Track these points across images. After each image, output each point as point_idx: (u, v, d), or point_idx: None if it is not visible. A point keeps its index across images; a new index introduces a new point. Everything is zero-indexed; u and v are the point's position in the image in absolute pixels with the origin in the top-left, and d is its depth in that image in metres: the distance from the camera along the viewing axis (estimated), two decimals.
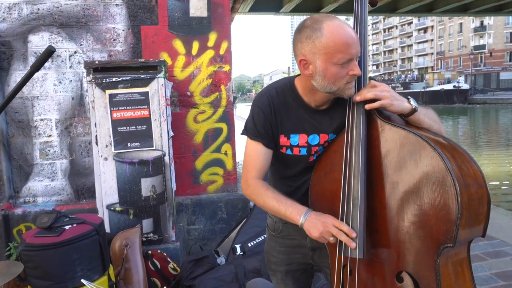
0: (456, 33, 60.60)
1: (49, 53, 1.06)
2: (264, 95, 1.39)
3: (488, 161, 11.04)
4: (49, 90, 3.27)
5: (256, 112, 1.39)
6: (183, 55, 3.41)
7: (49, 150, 3.33)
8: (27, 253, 2.12)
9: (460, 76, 47.62)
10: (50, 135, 3.32)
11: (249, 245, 2.93)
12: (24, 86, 3.20)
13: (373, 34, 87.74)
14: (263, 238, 2.96)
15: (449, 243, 1.08)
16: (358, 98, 1.26)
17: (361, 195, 1.21)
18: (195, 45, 3.42)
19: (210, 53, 3.45)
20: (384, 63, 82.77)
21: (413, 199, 1.16)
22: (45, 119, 3.30)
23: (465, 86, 43.11)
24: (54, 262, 2.11)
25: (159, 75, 2.86)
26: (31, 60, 3.24)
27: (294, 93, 1.38)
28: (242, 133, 1.45)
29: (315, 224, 1.19)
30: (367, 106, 1.24)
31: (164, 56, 3.37)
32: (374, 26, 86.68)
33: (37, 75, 3.25)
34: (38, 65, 1.07)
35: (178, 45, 3.40)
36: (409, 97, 1.25)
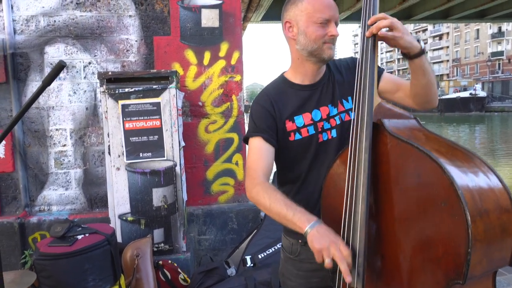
0: (473, 39, 59.81)
1: (60, 67, 1.08)
2: (260, 93, 1.47)
3: (508, 171, 10.80)
4: (64, 101, 3.34)
5: (254, 109, 1.42)
6: (194, 65, 3.44)
7: (63, 160, 3.38)
8: (40, 262, 2.15)
9: (476, 83, 46.92)
10: (64, 145, 3.37)
11: (260, 256, 2.91)
12: (40, 97, 3.27)
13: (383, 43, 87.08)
14: (273, 249, 2.94)
15: (458, 280, 0.94)
16: (374, 29, 1.16)
17: (363, 220, 1.10)
18: (207, 55, 3.45)
19: (221, 63, 3.48)
20: (399, 70, 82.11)
21: (419, 226, 1.03)
22: (60, 129, 3.36)
23: (482, 94, 42.40)
24: (66, 271, 2.14)
25: (170, 86, 2.88)
26: (47, 70, 3.30)
27: (286, 81, 1.46)
28: (243, 140, 1.46)
29: (323, 238, 1.09)
30: (380, 33, 1.15)
31: (176, 66, 3.40)
32: None
33: (52, 86, 3.31)
34: (49, 80, 1.09)
35: (190, 55, 3.43)
36: (419, 39, 1.20)
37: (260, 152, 1.36)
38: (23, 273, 1.90)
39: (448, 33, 66.39)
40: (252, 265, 2.87)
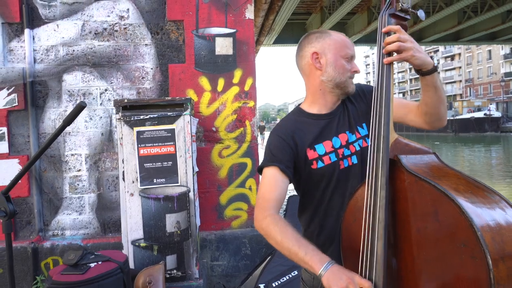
0: (485, 60, 59.60)
1: (80, 108, 1.11)
2: (278, 124, 1.50)
3: None
4: (80, 126, 3.40)
5: (272, 139, 1.43)
6: (208, 92, 3.49)
7: (78, 184, 3.42)
8: None
9: (491, 104, 46.41)
10: (79, 170, 3.42)
11: (274, 285, 2.86)
12: (57, 123, 3.33)
13: (398, 62, 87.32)
14: (288, 278, 2.89)
15: None
16: (384, 50, 1.18)
17: (381, 257, 1.08)
18: (221, 82, 3.50)
19: (235, 90, 3.52)
20: (411, 91, 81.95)
21: (439, 267, 1.00)
22: (75, 154, 3.41)
23: (497, 114, 41.86)
24: None
25: (185, 113, 2.92)
26: (65, 98, 3.39)
27: (302, 112, 1.49)
28: (258, 170, 1.45)
29: (339, 277, 1.08)
30: (386, 61, 1.17)
31: (191, 93, 3.45)
32: None
33: (69, 111, 3.38)
34: (70, 120, 1.12)
35: (204, 82, 3.48)
36: (433, 56, 1.21)
37: (273, 182, 1.35)
38: None
39: (459, 54, 66.32)
40: None
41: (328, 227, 1.38)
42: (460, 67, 66.65)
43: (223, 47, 3.49)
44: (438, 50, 70.65)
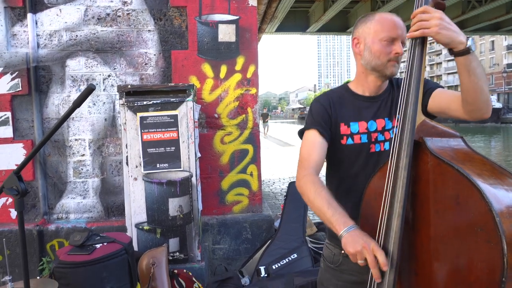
0: (488, 51, 59.24)
1: (90, 90, 1.14)
2: (322, 94, 1.54)
3: None
4: (84, 112, 3.44)
5: (313, 106, 1.50)
6: (211, 79, 3.52)
7: (82, 169, 3.47)
8: (60, 270, 2.21)
9: (492, 95, 46.27)
10: (83, 155, 3.46)
11: (274, 267, 2.93)
12: (61, 108, 3.37)
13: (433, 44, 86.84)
14: (287, 260, 2.96)
15: None
16: (408, 35, 1.20)
17: (397, 234, 1.10)
18: (223, 69, 3.52)
19: (237, 77, 3.55)
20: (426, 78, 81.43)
21: (454, 249, 1.02)
22: (79, 139, 3.46)
23: (498, 105, 41.75)
24: (85, 279, 2.19)
25: (188, 99, 2.95)
26: (68, 83, 3.41)
27: (348, 89, 1.53)
28: (298, 133, 1.53)
29: (356, 241, 1.12)
30: (408, 35, 1.18)
31: (193, 80, 3.48)
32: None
33: (73, 97, 3.42)
34: (79, 102, 1.15)
35: (207, 69, 3.51)
36: (470, 37, 1.14)
37: (313, 144, 1.42)
38: (45, 282, 1.95)
39: None
40: (266, 275, 2.89)
41: (349, 204, 1.36)
42: None
43: (226, 34, 3.50)
44: None
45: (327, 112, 1.45)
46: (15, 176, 1.25)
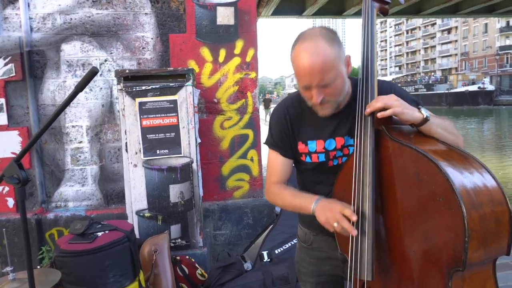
0: (481, 33, 59.16)
1: (93, 73, 1.09)
2: (281, 107, 1.48)
3: None
4: (80, 98, 3.36)
5: (273, 124, 1.49)
6: (210, 63, 3.45)
7: (80, 156, 3.41)
8: (61, 259, 2.17)
9: (485, 77, 46.46)
10: (81, 142, 3.40)
11: (276, 252, 2.93)
12: (57, 94, 3.30)
13: (395, 35, 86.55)
14: (290, 245, 2.96)
15: (458, 267, 1.04)
16: (368, 110, 1.22)
17: (370, 217, 1.21)
18: (222, 53, 3.45)
19: (236, 60, 3.48)
20: (407, 64, 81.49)
21: (421, 221, 1.13)
22: (76, 125, 3.39)
23: (491, 87, 42.02)
24: (87, 268, 2.16)
25: (187, 83, 2.89)
26: (64, 68, 3.33)
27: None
28: (264, 143, 1.56)
29: (324, 210, 1.24)
30: (379, 115, 1.21)
31: (192, 64, 3.41)
32: (396, 27, 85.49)
33: (68, 83, 3.34)
34: (82, 85, 1.10)
35: (206, 52, 3.43)
36: (420, 106, 1.22)
37: (277, 162, 1.48)
38: (47, 272, 1.92)
39: (456, 27, 65.74)
40: (269, 260, 2.89)
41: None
42: (456, 41, 66.21)
43: (225, 16, 3.42)
44: (435, 23, 69.97)
45: (285, 132, 1.45)
46: (16, 164, 1.20)
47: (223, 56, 3.45)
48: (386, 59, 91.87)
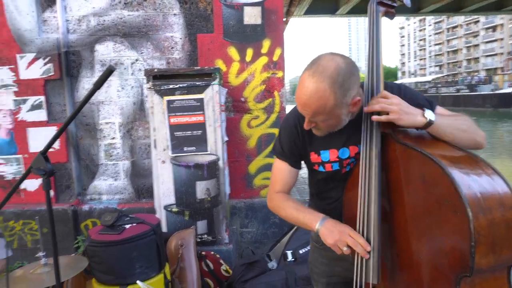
0: None
1: (110, 72, 1.14)
2: (291, 116, 1.44)
3: None
4: (113, 96, 3.50)
5: (282, 134, 1.46)
6: (237, 62, 3.49)
7: (112, 152, 3.55)
8: (92, 248, 2.28)
9: None
10: (113, 138, 3.54)
11: (300, 252, 2.92)
12: None
13: (435, 34, 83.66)
14: None
15: (465, 273, 1.00)
16: (366, 109, 1.23)
17: (376, 219, 1.20)
18: (249, 52, 3.48)
19: (263, 60, 3.50)
20: (448, 64, 78.53)
21: (427, 225, 1.11)
22: (109, 122, 3.53)
23: None
24: (115, 258, 2.25)
25: (213, 82, 2.94)
26: (97, 68, 3.48)
27: None
28: (272, 152, 1.53)
29: (332, 232, 1.22)
30: (374, 118, 1.21)
31: (219, 63, 3.46)
32: (436, 25, 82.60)
33: None
34: (99, 83, 1.15)
35: (233, 52, 3.48)
36: (425, 109, 1.19)
37: (283, 172, 1.46)
38: (76, 259, 2.02)
39: (502, 25, 62.59)
40: (293, 260, 2.89)
41: (323, 210, 1.40)
42: (502, 39, 63.01)
43: (252, 16, 3.45)
44: (478, 21, 67.00)
45: (295, 143, 1.42)
46: (42, 157, 1.27)
47: (250, 56, 3.49)
48: (425, 58, 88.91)
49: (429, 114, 1.17)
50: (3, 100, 3.46)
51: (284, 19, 7.08)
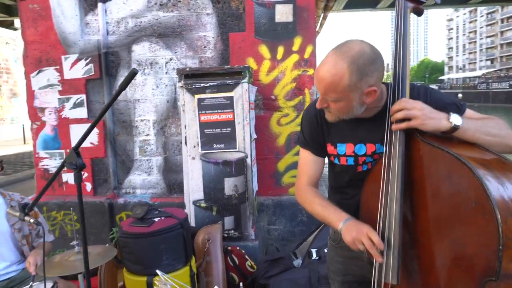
0: None
1: (133, 74, 1.21)
2: (313, 106, 1.45)
3: None
4: (148, 94, 3.64)
5: (303, 123, 1.49)
6: (268, 60, 3.52)
7: (146, 148, 3.71)
8: (123, 239, 2.41)
9: None
10: (148, 134, 3.69)
11: (325, 250, 2.92)
12: (128, 90, 3.61)
13: (487, 26, 79.21)
14: None
15: (491, 277, 0.98)
16: (394, 127, 1.21)
17: (397, 219, 1.18)
18: (280, 50, 3.51)
19: (294, 58, 3.51)
20: (501, 57, 74.15)
21: (452, 227, 1.09)
22: (144, 119, 3.68)
23: None
24: (145, 249, 2.37)
25: (243, 81, 3.00)
26: (134, 67, 3.63)
27: None
28: (296, 142, 1.56)
29: (350, 230, 1.22)
30: (394, 127, 1.19)
31: (250, 61, 3.51)
32: (489, 16, 78.16)
33: (138, 80, 3.64)
34: (124, 85, 1.23)
35: (264, 50, 3.51)
36: (451, 113, 1.15)
37: (308, 161, 1.49)
38: (107, 248, 2.15)
39: None
40: (317, 258, 2.90)
41: (339, 204, 1.42)
42: None
43: (283, 14, 3.47)
44: (496, 11, 62.59)
45: (316, 132, 1.44)
46: (74, 152, 1.37)
47: (281, 53, 3.51)
48: (475, 52, 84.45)
49: (454, 119, 1.14)
50: (48, 99, 3.70)
51: (322, 14, 7.00)
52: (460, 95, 43.16)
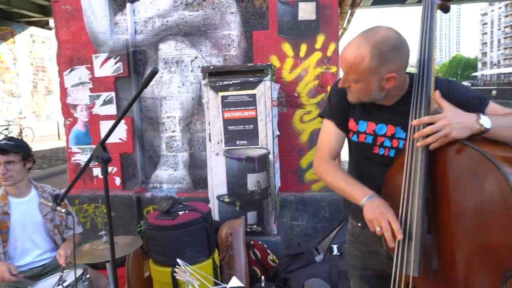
0: None
1: (154, 73, 1.28)
2: None
3: None
4: (174, 91, 3.75)
5: (332, 95, 1.50)
6: (291, 58, 3.55)
7: (173, 144, 3.82)
8: (149, 231, 2.51)
9: None
10: (174, 131, 3.80)
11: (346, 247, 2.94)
12: (155, 88, 3.71)
13: (505, 17, 75.62)
14: None
15: None
16: (419, 144, 1.20)
17: (419, 212, 1.18)
18: (303, 48, 3.53)
19: (317, 55, 3.52)
20: None
21: (475, 222, 1.09)
22: (170, 116, 3.79)
23: None
24: (169, 241, 2.46)
25: (265, 78, 3.04)
26: (161, 65, 3.75)
27: None
28: (319, 115, 1.57)
29: (374, 209, 1.21)
30: (419, 144, 1.19)
31: (273, 59, 3.55)
32: (507, 8, 74.65)
33: (164, 78, 3.75)
34: (145, 84, 1.30)
35: (287, 48, 3.55)
36: (481, 115, 1.14)
37: (330, 134, 1.48)
38: (134, 239, 2.25)
39: None
40: (338, 253, 2.92)
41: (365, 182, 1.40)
42: None
43: (306, 12, 3.49)
44: None
45: (343, 104, 1.44)
46: (101, 147, 1.46)
47: (304, 51, 3.53)
48: (511, 47, 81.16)
49: (484, 121, 1.13)
50: (80, 96, 3.87)
51: (349, 11, 6.95)
52: (494, 92, 41.60)
